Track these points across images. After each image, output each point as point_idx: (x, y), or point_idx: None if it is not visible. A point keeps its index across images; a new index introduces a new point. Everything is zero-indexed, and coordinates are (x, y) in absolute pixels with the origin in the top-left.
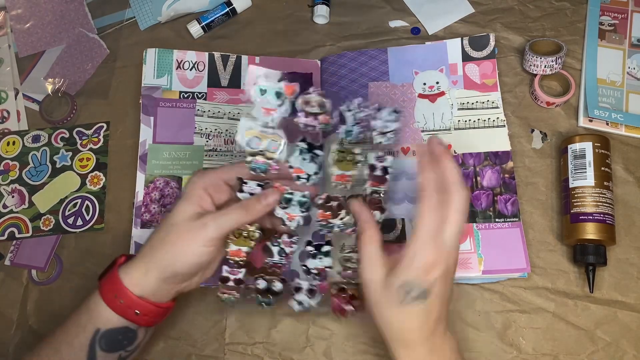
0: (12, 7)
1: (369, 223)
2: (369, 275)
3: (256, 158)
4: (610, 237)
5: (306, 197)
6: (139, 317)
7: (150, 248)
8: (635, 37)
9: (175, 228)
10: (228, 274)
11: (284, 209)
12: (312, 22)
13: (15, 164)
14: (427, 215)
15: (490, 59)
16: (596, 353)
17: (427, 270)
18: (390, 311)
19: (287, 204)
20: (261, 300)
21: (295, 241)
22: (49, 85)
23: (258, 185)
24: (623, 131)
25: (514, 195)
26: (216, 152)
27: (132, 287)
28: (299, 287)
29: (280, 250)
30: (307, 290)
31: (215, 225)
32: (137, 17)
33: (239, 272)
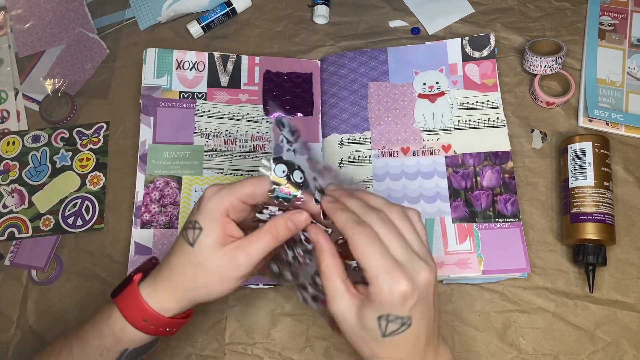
0: (12, 7)
1: (324, 252)
2: (338, 311)
3: (281, 187)
4: (610, 237)
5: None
6: (168, 332)
7: (178, 278)
8: (635, 37)
9: (205, 268)
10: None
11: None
12: (312, 22)
13: (15, 164)
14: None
15: (490, 59)
16: (596, 353)
17: (403, 301)
18: (373, 345)
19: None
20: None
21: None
22: (49, 85)
23: (279, 210)
24: (623, 131)
25: (513, 195)
26: (216, 152)
27: (163, 312)
28: (305, 287)
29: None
30: (312, 296)
31: (246, 258)
32: (137, 17)
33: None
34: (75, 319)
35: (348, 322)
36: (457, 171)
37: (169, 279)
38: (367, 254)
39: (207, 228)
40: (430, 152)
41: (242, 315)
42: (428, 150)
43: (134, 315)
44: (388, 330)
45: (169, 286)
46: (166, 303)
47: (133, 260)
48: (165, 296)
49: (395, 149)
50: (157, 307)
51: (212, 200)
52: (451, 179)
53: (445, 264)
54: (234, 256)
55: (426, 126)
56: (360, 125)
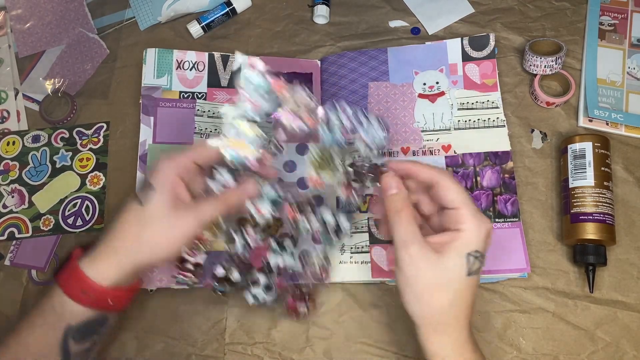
0: (12, 7)
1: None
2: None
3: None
4: (610, 237)
5: (280, 197)
6: (112, 305)
7: (121, 240)
8: (635, 37)
9: (152, 224)
10: (187, 256)
11: (253, 203)
12: (312, 22)
13: (15, 164)
14: (458, 187)
15: (490, 59)
16: (596, 353)
17: (487, 239)
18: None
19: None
20: (216, 287)
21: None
22: (49, 85)
23: (229, 172)
24: (623, 131)
25: (513, 195)
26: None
27: (102, 281)
28: (256, 281)
29: (244, 244)
30: (264, 286)
31: (196, 222)
32: (137, 17)
33: (199, 256)
34: None
35: (418, 267)
36: (457, 171)
37: (109, 244)
38: (463, 196)
39: (159, 187)
40: (430, 152)
41: (242, 315)
42: (428, 150)
43: (71, 286)
44: (474, 267)
45: (110, 251)
46: (106, 270)
47: None
48: (105, 263)
49: (395, 149)
50: (96, 275)
51: (166, 162)
52: None
53: None
54: (183, 215)
55: (426, 126)
56: None
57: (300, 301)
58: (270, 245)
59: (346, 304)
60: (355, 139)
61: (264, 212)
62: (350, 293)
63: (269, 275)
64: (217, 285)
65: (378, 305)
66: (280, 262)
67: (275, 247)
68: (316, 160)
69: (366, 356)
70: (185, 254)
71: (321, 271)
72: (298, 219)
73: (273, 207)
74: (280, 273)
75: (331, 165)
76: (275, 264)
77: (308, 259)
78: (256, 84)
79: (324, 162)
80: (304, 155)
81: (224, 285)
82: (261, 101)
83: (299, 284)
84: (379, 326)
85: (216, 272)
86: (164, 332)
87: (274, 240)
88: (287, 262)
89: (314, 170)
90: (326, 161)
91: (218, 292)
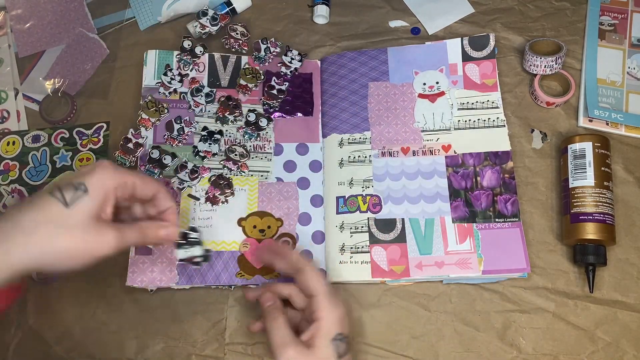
0: (12, 7)
1: (273, 311)
2: (289, 356)
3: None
4: (610, 237)
5: (212, 92)
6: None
7: (24, 238)
8: (635, 37)
9: (72, 231)
10: (132, 136)
11: (193, 98)
12: (312, 22)
13: (15, 164)
14: (318, 276)
15: (490, 59)
16: (596, 353)
17: (342, 320)
18: None
19: (197, 93)
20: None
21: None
22: (49, 85)
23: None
24: (623, 131)
25: (514, 195)
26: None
27: None
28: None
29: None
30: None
31: (115, 243)
32: (137, 17)
33: (141, 137)
34: (75, 319)
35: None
36: (457, 171)
37: (8, 238)
38: (320, 284)
39: (93, 192)
40: (430, 152)
41: (242, 315)
42: (428, 150)
43: None
44: (341, 349)
45: (4, 247)
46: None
47: (133, 260)
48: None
49: (395, 148)
50: None
51: (109, 169)
52: (451, 179)
53: (445, 264)
54: (106, 232)
55: (426, 126)
56: (360, 125)
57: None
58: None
59: (346, 304)
60: None
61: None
62: (350, 293)
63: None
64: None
65: (378, 305)
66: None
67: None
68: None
69: (366, 356)
70: (131, 135)
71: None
72: None
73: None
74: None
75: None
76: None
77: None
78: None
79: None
80: (305, 155)
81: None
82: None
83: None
84: (379, 326)
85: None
86: (164, 332)
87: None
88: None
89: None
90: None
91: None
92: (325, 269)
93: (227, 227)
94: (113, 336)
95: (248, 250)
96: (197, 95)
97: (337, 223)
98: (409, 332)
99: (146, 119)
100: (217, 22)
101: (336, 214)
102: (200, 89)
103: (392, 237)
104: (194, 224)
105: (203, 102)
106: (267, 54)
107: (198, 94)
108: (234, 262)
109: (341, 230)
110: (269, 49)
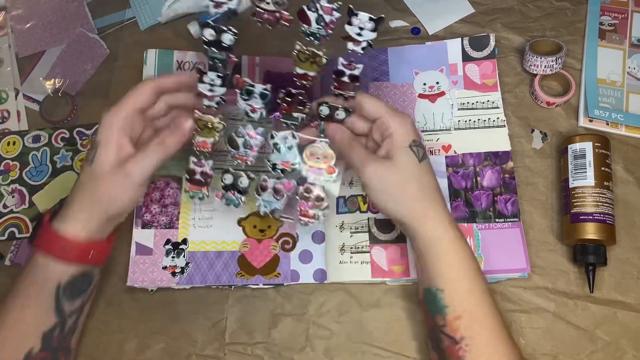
0: (12, 7)
1: (345, 135)
2: (371, 171)
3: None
4: (611, 237)
5: (267, 89)
6: (93, 258)
7: (86, 199)
8: (635, 37)
9: (102, 180)
10: (195, 166)
11: (246, 101)
12: None
13: (15, 164)
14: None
15: (491, 59)
16: (596, 353)
17: (415, 129)
18: (411, 181)
19: (249, 95)
20: (228, 199)
21: (259, 132)
22: (49, 85)
23: (218, 77)
24: (623, 131)
25: (514, 195)
26: (216, 152)
27: (76, 236)
28: (264, 186)
29: (244, 141)
30: (273, 189)
31: (139, 172)
32: (137, 17)
33: (206, 164)
34: None
35: (381, 176)
36: (457, 171)
37: (72, 203)
38: (380, 105)
39: (104, 144)
40: (430, 152)
41: (242, 315)
42: (428, 150)
43: (51, 246)
44: (420, 153)
45: (75, 209)
46: (76, 226)
47: (134, 260)
48: (73, 220)
49: None
50: (69, 231)
51: (107, 117)
52: (451, 179)
53: None
54: (129, 170)
55: (426, 126)
56: None
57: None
58: (272, 144)
59: (346, 304)
60: None
61: (257, 108)
62: (350, 293)
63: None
64: (227, 196)
65: (378, 305)
66: (283, 159)
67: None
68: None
69: (366, 356)
70: (193, 164)
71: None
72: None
73: (264, 101)
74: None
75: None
76: (279, 162)
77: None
78: None
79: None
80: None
81: (235, 195)
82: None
83: (309, 183)
84: (379, 326)
85: (224, 180)
86: (164, 332)
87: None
88: (290, 158)
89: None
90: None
91: (230, 204)
92: (325, 269)
93: (227, 227)
94: (113, 336)
95: (248, 250)
96: (251, 98)
97: (337, 223)
98: (409, 332)
99: (203, 142)
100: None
101: (336, 214)
102: (251, 89)
103: (392, 237)
104: (195, 223)
105: (260, 105)
106: (321, 27)
107: (250, 95)
108: (234, 262)
109: (341, 230)
110: (322, 18)
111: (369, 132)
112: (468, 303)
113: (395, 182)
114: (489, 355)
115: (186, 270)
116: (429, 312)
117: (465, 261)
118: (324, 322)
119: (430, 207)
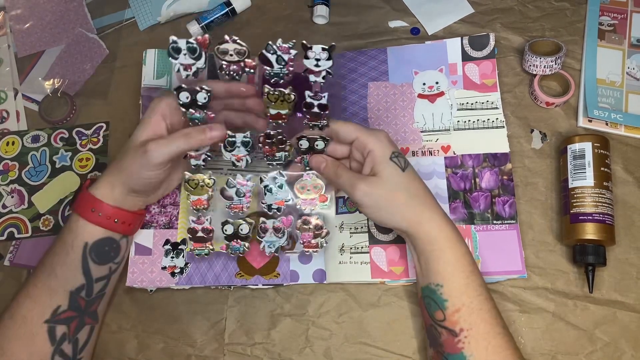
0: (11, 7)
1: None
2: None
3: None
4: (610, 237)
5: (248, 137)
6: (118, 225)
7: (114, 168)
8: (634, 37)
9: (127, 153)
10: (195, 225)
11: (230, 152)
12: (311, 22)
13: (14, 164)
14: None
15: (490, 59)
16: (595, 353)
17: (388, 139)
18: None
19: (232, 146)
20: (232, 248)
21: (249, 179)
22: (49, 85)
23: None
24: (622, 131)
25: (511, 197)
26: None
27: (105, 200)
28: (264, 228)
29: (237, 190)
30: (273, 229)
31: (158, 152)
32: (137, 17)
33: (205, 221)
34: None
35: (371, 192)
36: (456, 172)
37: (109, 173)
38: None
39: (143, 122)
40: (429, 152)
41: (241, 316)
42: (427, 150)
43: (83, 207)
44: (402, 162)
45: (108, 179)
46: (106, 192)
47: (133, 260)
48: (104, 185)
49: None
50: (100, 195)
51: (156, 101)
52: (450, 180)
53: None
54: (148, 147)
55: (426, 126)
56: None
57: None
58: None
59: (346, 304)
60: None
61: (241, 157)
62: (350, 293)
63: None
64: (231, 245)
65: (378, 305)
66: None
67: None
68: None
69: (366, 356)
70: (193, 223)
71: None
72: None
73: (247, 149)
74: (280, 210)
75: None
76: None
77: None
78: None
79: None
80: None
81: (238, 243)
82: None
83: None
84: (379, 326)
85: (225, 231)
86: (164, 332)
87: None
88: (283, 196)
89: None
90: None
91: (236, 252)
92: (324, 269)
93: None
94: (113, 336)
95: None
96: (234, 148)
97: (336, 223)
98: (408, 332)
99: (197, 200)
100: (198, 52)
101: (336, 215)
102: (232, 140)
103: (392, 238)
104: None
105: (244, 153)
106: (282, 66)
107: (233, 146)
108: (234, 262)
109: (341, 230)
110: (280, 58)
111: (350, 154)
112: (466, 296)
113: (384, 195)
114: (487, 345)
115: (185, 270)
116: (428, 309)
117: (462, 257)
118: (323, 323)
119: (423, 211)
